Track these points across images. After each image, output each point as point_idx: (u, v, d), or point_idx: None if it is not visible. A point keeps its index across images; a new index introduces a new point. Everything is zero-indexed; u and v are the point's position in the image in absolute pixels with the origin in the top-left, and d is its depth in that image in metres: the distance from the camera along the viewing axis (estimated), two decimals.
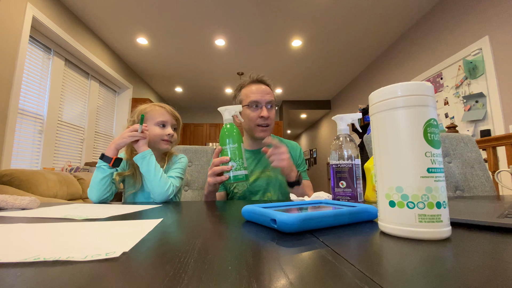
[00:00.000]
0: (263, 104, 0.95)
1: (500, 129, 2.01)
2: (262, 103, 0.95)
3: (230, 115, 0.73)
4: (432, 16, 2.72)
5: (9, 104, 1.99)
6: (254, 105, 0.95)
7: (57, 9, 2.55)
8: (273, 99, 0.98)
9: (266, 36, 3.26)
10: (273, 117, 0.98)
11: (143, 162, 0.79)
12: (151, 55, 3.74)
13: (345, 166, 0.57)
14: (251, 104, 0.95)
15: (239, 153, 0.70)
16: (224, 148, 0.71)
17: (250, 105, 0.96)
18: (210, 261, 0.21)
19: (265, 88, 0.98)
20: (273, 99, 0.98)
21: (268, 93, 0.97)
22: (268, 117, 0.94)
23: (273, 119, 0.99)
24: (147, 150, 0.80)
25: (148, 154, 0.79)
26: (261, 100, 0.95)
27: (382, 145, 0.31)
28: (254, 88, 0.97)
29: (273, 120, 0.99)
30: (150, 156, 0.79)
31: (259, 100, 0.95)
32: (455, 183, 1.02)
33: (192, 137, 6.07)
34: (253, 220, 0.38)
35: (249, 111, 0.96)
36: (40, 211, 0.51)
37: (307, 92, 5.38)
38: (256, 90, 0.97)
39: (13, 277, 0.17)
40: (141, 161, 0.79)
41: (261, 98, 0.95)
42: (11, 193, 1.51)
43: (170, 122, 0.93)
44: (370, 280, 0.16)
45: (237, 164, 0.69)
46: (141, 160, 0.79)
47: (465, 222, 0.33)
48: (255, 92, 0.96)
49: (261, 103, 0.95)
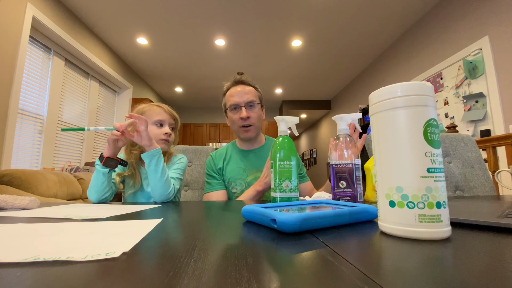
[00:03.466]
0: (242, 105, 0.97)
1: (500, 129, 2.01)
2: (241, 104, 0.97)
3: (286, 126, 0.66)
4: (432, 16, 2.72)
5: (9, 104, 1.99)
6: (233, 108, 0.98)
7: (57, 9, 2.55)
8: (253, 99, 0.98)
9: (266, 36, 3.26)
10: (255, 116, 0.99)
11: (151, 160, 0.75)
12: (151, 55, 3.74)
13: (345, 166, 0.57)
14: (231, 107, 0.98)
15: (295, 171, 0.62)
16: (281, 164, 0.61)
17: (231, 109, 0.99)
18: (210, 261, 0.21)
19: (244, 89, 0.99)
20: (254, 99, 0.99)
21: (247, 93, 0.98)
22: (248, 117, 0.96)
23: (257, 117, 0.99)
24: (156, 149, 0.75)
25: (158, 153, 0.75)
26: (239, 101, 0.97)
27: (382, 145, 0.31)
28: (234, 91, 0.99)
29: (256, 118, 0.99)
30: (159, 155, 0.75)
31: (237, 102, 0.97)
32: (455, 183, 1.02)
33: (192, 137, 6.08)
34: (253, 220, 0.38)
35: (231, 114, 1.00)
36: (40, 211, 0.51)
37: (307, 92, 5.38)
38: (235, 92, 0.99)
39: (13, 277, 0.17)
40: (149, 159, 0.75)
41: (239, 100, 0.97)
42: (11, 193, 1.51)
43: (168, 122, 0.93)
44: (370, 280, 0.16)
45: (292, 185, 0.61)
46: (150, 158, 0.74)
47: (465, 222, 0.33)
48: (234, 94, 0.98)
49: (240, 105, 0.97)
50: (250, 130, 0.98)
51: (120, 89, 4.01)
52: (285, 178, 0.61)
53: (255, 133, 1.00)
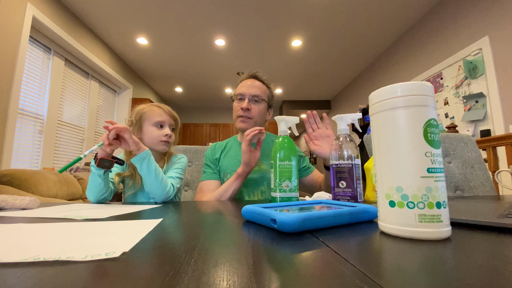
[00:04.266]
0: (247, 96, 0.97)
1: (500, 129, 2.01)
2: (246, 95, 0.97)
3: (286, 126, 0.66)
4: (432, 16, 2.72)
5: (9, 104, 1.99)
6: (238, 97, 0.98)
7: (57, 9, 2.55)
8: (259, 94, 0.98)
9: (266, 36, 3.26)
10: (257, 110, 0.98)
11: (142, 164, 0.72)
12: (151, 55, 3.74)
13: (345, 166, 0.57)
14: (236, 96, 0.99)
15: (295, 171, 0.62)
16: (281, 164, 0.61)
17: (236, 98, 0.99)
18: (210, 261, 0.21)
19: (254, 83, 0.99)
20: (260, 94, 0.98)
21: (255, 87, 0.98)
22: (247, 109, 0.95)
23: (258, 112, 0.98)
24: (145, 151, 0.73)
25: (147, 156, 0.73)
26: (245, 92, 0.97)
27: (382, 145, 0.31)
28: (244, 83, 1.00)
29: (257, 113, 0.98)
30: (149, 157, 0.73)
31: (243, 93, 0.97)
32: (455, 183, 1.02)
33: (192, 137, 6.08)
34: (253, 220, 0.38)
35: (235, 103, 1.00)
36: (40, 211, 0.51)
37: (307, 92, 5.38)
38: (244, 84, 0.99)
39: (13, 277, 0.17)
40: (139, 163, 0.73)
41: (246, 91, 0.97)
42: (11, 193, 1.51)
43: (168, 123, 0.92)
44: (370, 280, 0.16)
45: (292, 185, 0.61)
46: (140, 162, 0.72)
47: (465, 222, 0.33)
48: (243, 85, 0.99)
49: (244, 96, 0.97)
50: (247, 122, 0.97)
51: (120, 89, 4.01)
52: (285, 178, 0.61)
53: (250, 126, 0.98)
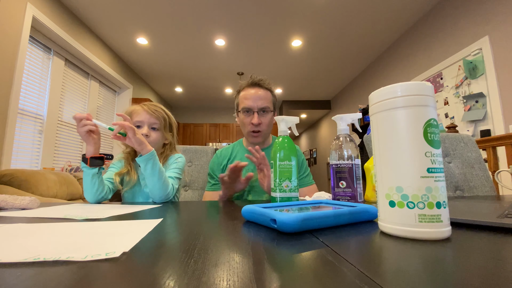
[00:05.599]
0: (255, 110, 0.95)
1: (500, 129, 2.01)
2: (254, 109, 0.95)
3: (286, 126, 0.66)
4: (432, 16, 2.72)
5: (9, 104, 1.99)
6: (246, 111, 0.97)
7: (57, 9, 2.55)
8: (267, 105, 0.96)
9: (266, 36, 3.26)
10: (267, 122, 0.98)
11: (147, 165, 0.73)
12: (151, 55, 3.74)
13: (345, 166, 0.57)
14: (244, 110, 0.97)
15: (295, 171, 0.62)
16: (281, 164, 0.61)
17: (243, 111, 0.98)
18: (210, 261, 0.21)
19: (260, 93, 0.97)
20: (268, 105, 0.97)
21: (262, 98, 0.96)
22: (258, 124, 0.95)
23: (268, 123, 0.98)
24: (150, 152, 0.73)
25: (152, 157, 0.73)
26: (253, 106, 0.95)
27: (382, 145, 0.31)
28: (249, 93, 0.97)
29: (267, 124, 0.98)
30: (154, 158, 0.73)
31: (251, 107, 0.95)
32: (455, 183, 1.02)
33: (192, 137, 6.07)
34: (253, 220, 0.38)
35: (242, 116, 0.98)
36: (40, 211, 0.51)
37: (307, 92, 5.38)
38: (250, 95, 0.96)
39: (13, 277, 0.17)
40: (144, 163, 0.73)
41: (253, 104, 0.95)
42: (11, 193, 1.51)
43: (147, 122, 0.88)
44: (370, 280, 0.16)
45: (292, 185, 0.61)
46: (145, 162, 0.72)
47: (465, 222, 0.33)
48: (249, 97, 0.96)
49: (253, 110, 0.96)
50: (258, 136, 0.98)
51: (120, 89, 4.01)
52: (285, 178, 0.61)
53: (263, 139, 1.00)
